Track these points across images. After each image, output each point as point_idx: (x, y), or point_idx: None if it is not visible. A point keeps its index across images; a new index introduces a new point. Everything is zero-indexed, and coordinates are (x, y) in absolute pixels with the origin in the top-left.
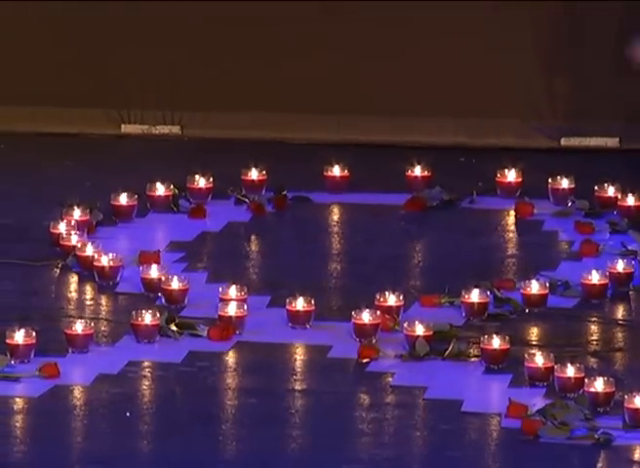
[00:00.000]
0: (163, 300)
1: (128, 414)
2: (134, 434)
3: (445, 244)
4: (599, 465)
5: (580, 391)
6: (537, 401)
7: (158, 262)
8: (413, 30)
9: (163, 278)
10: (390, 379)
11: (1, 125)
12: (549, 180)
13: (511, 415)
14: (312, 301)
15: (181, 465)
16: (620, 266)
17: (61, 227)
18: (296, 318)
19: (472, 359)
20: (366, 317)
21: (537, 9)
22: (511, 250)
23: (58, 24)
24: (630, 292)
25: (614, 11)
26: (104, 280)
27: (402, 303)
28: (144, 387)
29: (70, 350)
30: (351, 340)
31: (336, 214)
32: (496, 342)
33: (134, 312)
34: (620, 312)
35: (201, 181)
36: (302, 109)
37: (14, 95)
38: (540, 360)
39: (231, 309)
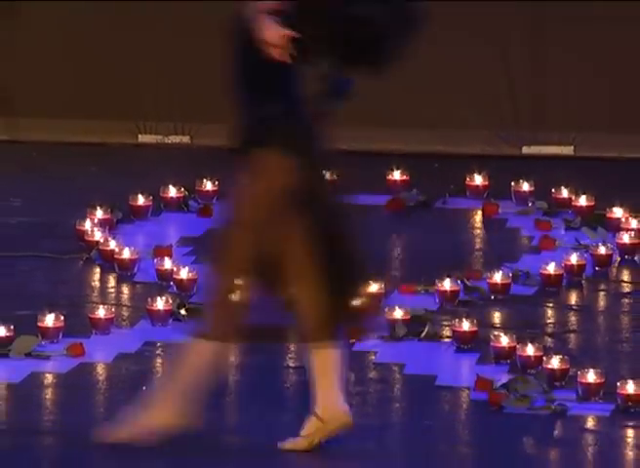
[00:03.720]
0: (175, 288)
1: (144, 389)
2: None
3: (421, 239)
4: (556, 432)
5: (539, 368)
6: (501, 376)
7: (170, 255)
8: None
9: (175, 269)
10: (373, 357)
11: (34, 135)
12: (512, 184)
13: (479, 389)
14: None
15: (191, 432)
16: (574, 259)
17: (86, 225)
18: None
19: (445, 339)
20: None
21: (502, 34)
22: (479, 244)
23: (83, 46)
24: (583, 282)
25: (575, 32)
26: (124, 271)
27: (384, 291)
28: (158, 364)
29: (94, 332)
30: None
31: None
32: (465, 325)
33: (149, 299)
34: (573, 299)
35: (208, 185)
36: None
37: (45, 108)
38: (504, 340)
39: (235, 296)
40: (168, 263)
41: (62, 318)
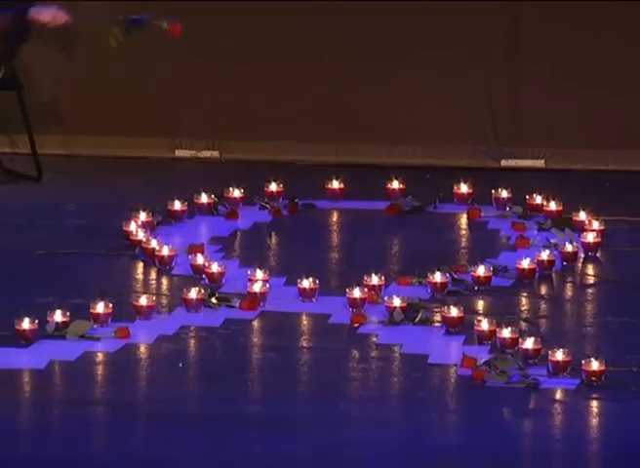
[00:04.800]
0: (206, 280)
1: (180, 365)
2: (185, 380)
3: (415, 239)
4: (530, 403)
5: (516, 348)
6: (483, 355)
7: (202, 252)
8: (392, 82)
9: (206, 264)
10: (375, 339)
11: (86, 150)
12: (492, 192)
13: (465, 366)
14: (317, 281)
15: (220, 402)
16: (545, 255)
17: (131, 226)
18: (304, 294)
19: (436, 324)
20: (357, 293)
21: (485, 59)
22: (464, 243)
23: (128, 71)
24: (552, 275)
25: (549, 57)
26: (163, 265)
27: (383, 282)
28: (192, 345)
29: (137, 317)
30: (346, 310)
31: (334, 217)
32: (453, 312)
33: (184, 289)
34: (544, 289)
35: (235, 192)
36: (310, 138)
37: (95, 127)
38: (485, 325)
39: (257, 287)
40: (200, 259)
41: (111, 305)
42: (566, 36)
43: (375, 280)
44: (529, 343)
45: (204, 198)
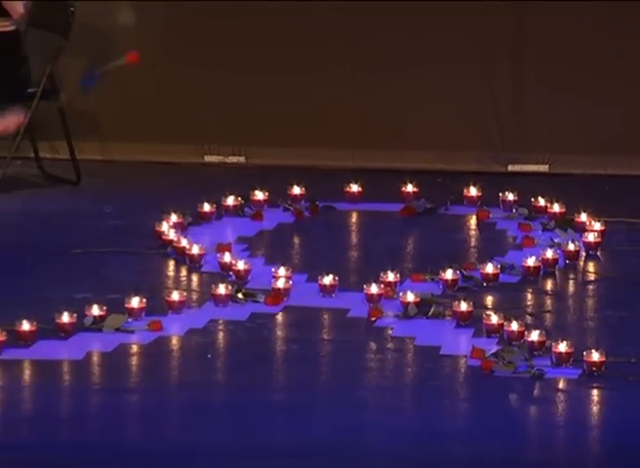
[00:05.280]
0: (233, 277)
1: (209, 356)
2: (213, 369)
3: (428, 238)
4: (535, 391)
5: (522, 340)
6: (491, 347)
7: (230, 251)
8: (406, 93)
9: (233, 262)
10: (390, 332)
11: (121, 156)
12: (500, 195)
13: (474, 357)
14: (336, 278)
15: (246, 391)
16: (549, 254)
17: (163, 227)
18: (325, 290)
19: (447, 318)
20: (373, 289)
21: (492, 72)
22: (473, 242)
23: (159, 81)
24: (556, 272)
25: (551, 70)
26: (193, 263)
27: (398, 279)
28: (221, 337)
29: (169, 311)
30: (363, 305)
31: (353, 218)
32: (463, 306)
33: (213, 285)
34: (549, 285)
35: (259, 195)
36: (329, 145)
37: (129, 134)
38: (493, 318)
39: (281, 283)
40: (228, 257)
41: (145, 300)
42: (567, 51)
43: (390, 277)
44: (534, 336)
45: (231, 200)
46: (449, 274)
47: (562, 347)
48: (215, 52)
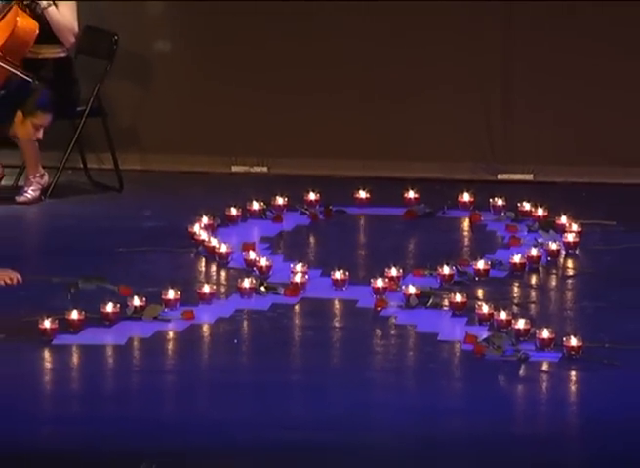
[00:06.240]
0: (257, 272)
1: (235, 341)
2: (239, 353)
3: (427, 238)
4: (521, 372)
5: (509, 327)
6: (483, 333)
7: (254, 249)
8: (409, 111)
9: (257, 258)
10: (394, 320)
11: (158, 166)
12: (490, 200)
13: (467, 342)
14: (347, 273)
15: (268, 372)
16: (534, 252)
17: (195, 228)
18: (337, 283)
19: (444, 308)
20: (379, 282)
21: (485, 95)
22: (467, 242)
23: (193, 99)
24: (539, 268)
25: (536, 94)
26: (221, 260)
27: (401, 274)
28: (245, 325)
29: (201, 302)
30: (370, 297)
31: (361, 221)
32: (458, 298)
33: (239, 279)
34: (533, 280)
35: (280, 200)
36: (341, 157)
37: (165, 146)
38: (485, 308)
39: (298, 277)
40: (252, 255)
41: (179, 292)
42: (549, 80)
43: (394, 272)
44: (520, 324)
45: (255, 205)
46: (445, 270)
47: (545, 334)
48: (241, 76)
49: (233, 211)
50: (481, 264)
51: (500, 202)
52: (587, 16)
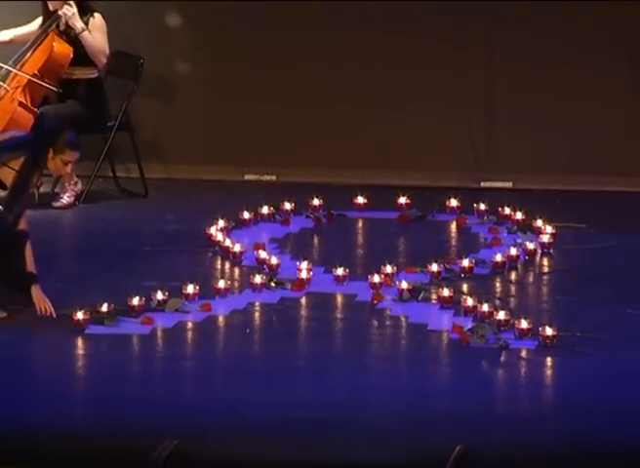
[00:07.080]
0: (267, 269)
1: (248, 331)
2: (251, 342)
3: (419, 239)
4: (502, 358)
5: (492, 318)
6: (468, 324)
7: (264, 249)
8: (402, 126)
9: (267, 257)
10: (389, 312)
11: (179, 175)
12: (474, 205)
13: (454, 332)
14: (347, 270)
15: (277, 358)
16: (513, 251)
17: (212, 230)
18: (338, 279)
19: (433, 301)
20: (376, 278)
21: (469, 112)
22: (454, 242)
23: (210, 113)
24: (518, 266)
25: (516, 111)
26: (235, 259)
27: (395, 271)
28: (257, 316)
29: (217, 296)
30: (368, 291)
31: (360, 224)
32: (446, 292)
33: (251, 275)
34: (513, 276)
35: (287, 205)
36: (342, 167)
37: (185, 156)
38: (470, 301)
39: (304, 274)
40: (263, 254)
41: (198, 287)
42: (527, 98)
43: (389, 269)
44: (501, 315)
45: (265, 210)
46: (434, 267)
47: (523, 324)
48: (252, 95)
49: (246, 215)
50: (466, 262)
51: (483, 207)
52: (561, 41)
